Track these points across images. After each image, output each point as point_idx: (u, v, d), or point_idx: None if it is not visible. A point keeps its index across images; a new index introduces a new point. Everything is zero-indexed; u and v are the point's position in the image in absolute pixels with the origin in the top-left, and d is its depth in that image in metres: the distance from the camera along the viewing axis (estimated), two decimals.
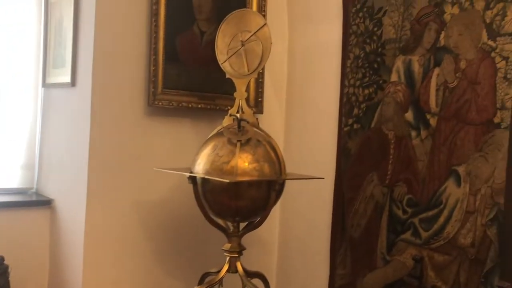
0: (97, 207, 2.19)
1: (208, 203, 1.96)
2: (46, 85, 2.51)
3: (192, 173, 1.95)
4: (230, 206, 1.93)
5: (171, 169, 2.04)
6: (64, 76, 2.34)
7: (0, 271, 2.12)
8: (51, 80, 2.46)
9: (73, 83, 2.29)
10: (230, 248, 1.99)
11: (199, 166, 1.94)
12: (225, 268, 1.97)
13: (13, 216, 2.35)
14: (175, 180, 2.25)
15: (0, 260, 2.13)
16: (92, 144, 2.17)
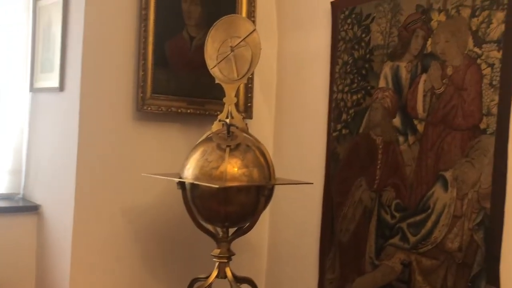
0: (85, 213, 2.18)
1: (197, 208, 1.96)
2: (33, 89, 2.49)
3: (181, 178, 1.94)
4: (219, 211, 1.93)
5: (160, 175, 2.03)
6: (52, 80, 2.32)
7: None
8: (39, 84, 2.45)
9: (61, 87, 2.28)
10: (219, 254, 1.98)
11: (188, 171, 1.94)
12: (214, 274, 1.97)
13: None
14: (164, 185, 2.24)
15: None
16: (81, 149, 2.16)
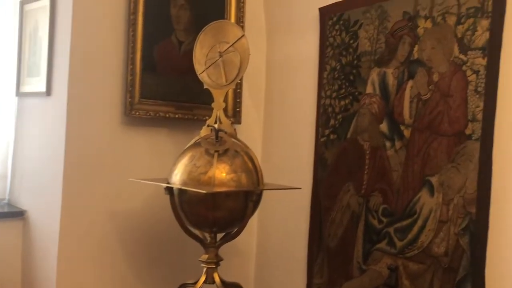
0: (71, 218, 2.16)
1: (185, 214, 1.95)
2: (20, 94, 2.46)
3: (169, 183, 1.94)
4: (207, 217, 1.92)
5: (148, 180, 2.02)
6: (39, 85, 2.30)
7: None
8: (25, 89, 2.42)
9: (48, 92, 2.26)
10: (207, 259, 1.98)
11: (176, 176, 1.93)
12: (202, 279, 1.96)
13: None
14: (151, 190, 2.23)
15: None
16: (68, 154, 2.14)
